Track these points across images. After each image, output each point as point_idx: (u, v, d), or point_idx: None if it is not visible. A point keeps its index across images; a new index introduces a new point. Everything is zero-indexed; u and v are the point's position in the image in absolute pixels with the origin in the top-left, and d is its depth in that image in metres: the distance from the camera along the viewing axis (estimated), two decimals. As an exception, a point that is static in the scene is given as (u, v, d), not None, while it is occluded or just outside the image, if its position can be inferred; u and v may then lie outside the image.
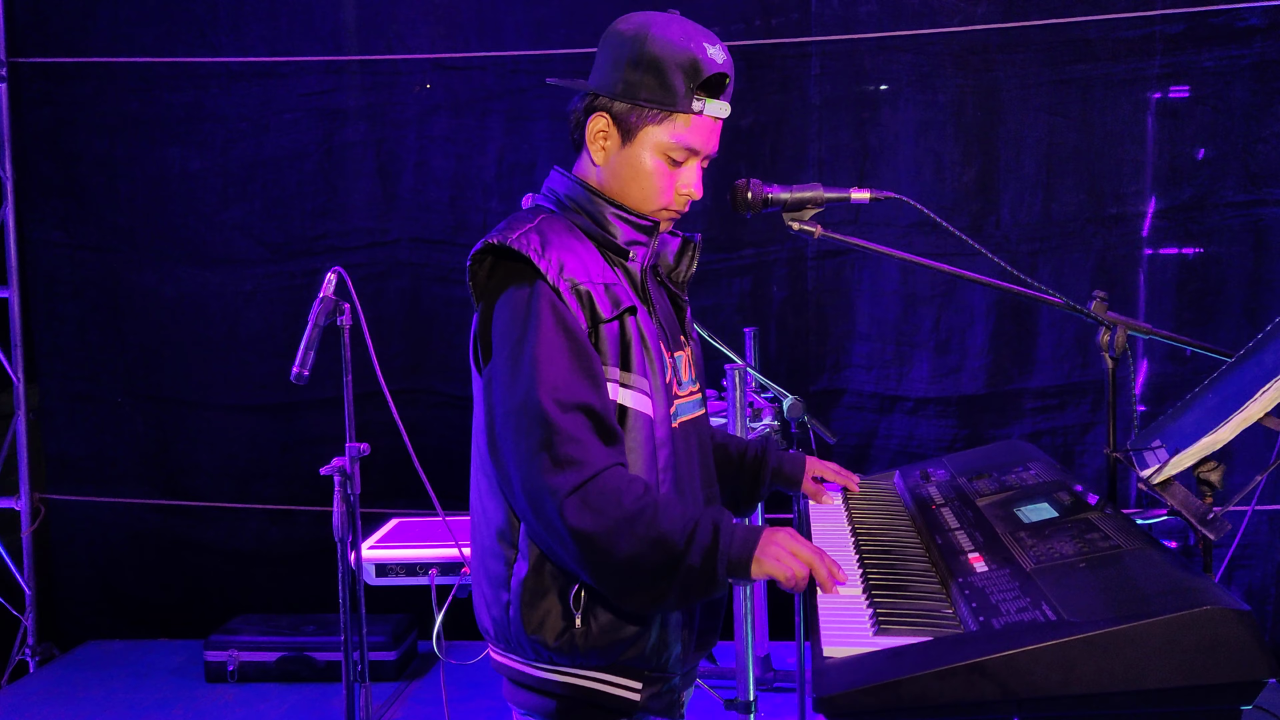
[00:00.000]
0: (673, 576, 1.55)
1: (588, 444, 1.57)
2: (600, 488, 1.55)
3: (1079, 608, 1.32)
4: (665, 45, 1.66)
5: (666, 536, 1.54)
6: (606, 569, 1.56)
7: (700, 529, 1.55)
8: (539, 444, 1.56)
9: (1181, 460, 1.48)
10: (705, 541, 1.54)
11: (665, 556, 1.54)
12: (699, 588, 1.56)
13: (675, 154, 1.71)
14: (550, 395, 1.56)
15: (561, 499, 1.54)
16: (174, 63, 4.45)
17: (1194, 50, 3.97)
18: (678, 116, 1.68)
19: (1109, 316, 1.79)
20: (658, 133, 1.69)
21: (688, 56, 1.66)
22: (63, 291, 4.59)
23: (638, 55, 1.67)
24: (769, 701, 3.73)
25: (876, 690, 1.28)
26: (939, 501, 1.96)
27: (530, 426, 1.57)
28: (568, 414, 1.56)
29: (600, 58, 1.73)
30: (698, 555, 1.54)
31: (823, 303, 4.30)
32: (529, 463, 1.57)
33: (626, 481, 1.58)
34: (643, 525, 1.54)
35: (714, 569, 1.54)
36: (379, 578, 3.22)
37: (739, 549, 1.55)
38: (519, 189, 1.84)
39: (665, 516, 1.55)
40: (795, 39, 4.21)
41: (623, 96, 1.68)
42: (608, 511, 1.54)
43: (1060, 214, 4.12)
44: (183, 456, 4.63)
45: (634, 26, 1.69)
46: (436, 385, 4.47)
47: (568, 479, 1.55)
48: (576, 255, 1.67)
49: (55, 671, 4.46)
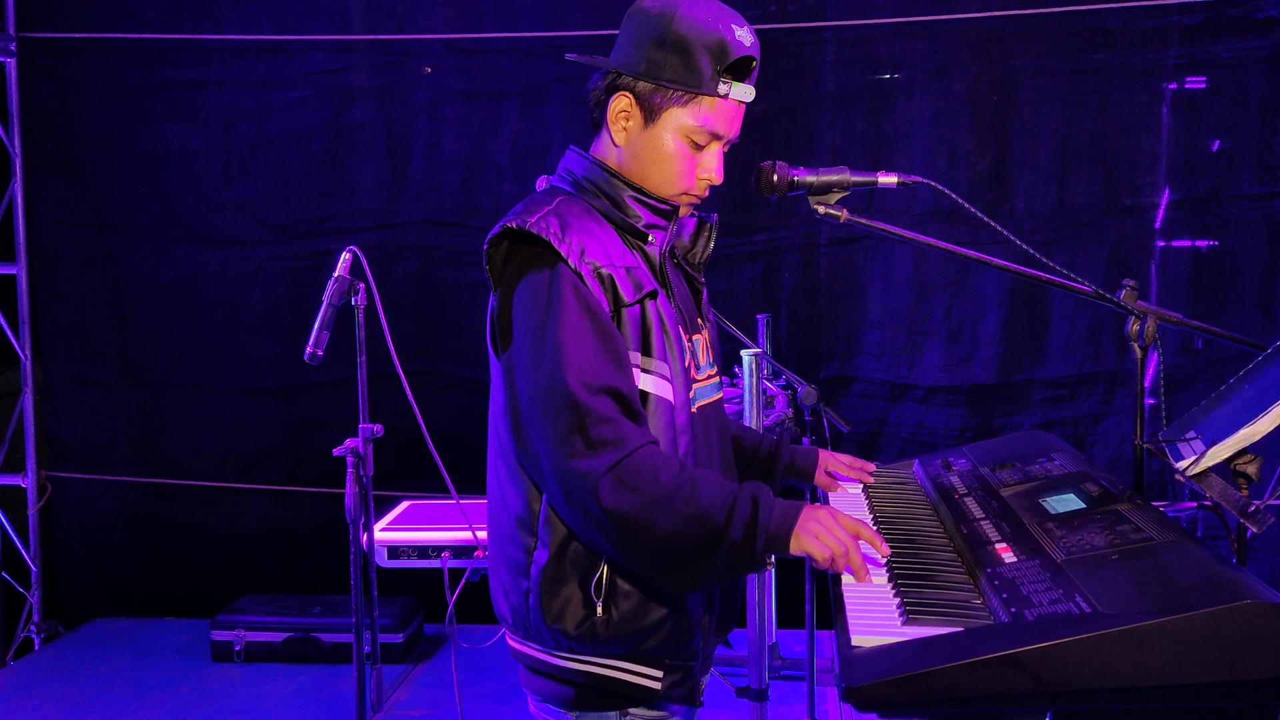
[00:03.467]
0: (714, 552, 1.53)
1: (619, 423, 1.55)
2: (635, 466, 1.53)
3: (1114, 600, 1.31)
4: (692, 25, 1.63)
5: (707, 512, 1.52)
6: (646, 548, 1.54)
7: (740, 502, 1.53)
8: (569, 427, 1.53)
9: (1219, 451, 1.46)
10: (745, 515, 1.52)
11: (706, 532, 1.52)
12: (740, 563, 1.54)
13: (698, 137, 1.68)
14: (578, 378, 1.54)
15: (596, 480, 1.51)
16: (178, 39, 4.40)
17: (1211, 41, 3.94)
18: (703, 99, 1.65)
19: (1139, 306, 1.78)
20: (681, 115, 1.66)
21: (715, 38, 1.63)
22: (64, 270, 4.56)
23: (664, 34, 1.63)
24: (777, 689, 3.73)
25: (906, 681, 1.26)
26: (962, 491, 1.94)
27: (559, 410, 1.54)
28: (596, 396, 1.54)
29: (624, 35, 1.70)
30: (739, 529, 1.52)
31: (835, 290, 4.28)
32: (560, 447, 1.54)
33: (662, 459, 1.55)
34: (681, 501, 1.52)
35: (753, 543, 1.52)
36: (391, 560, 3.21)
37: (778, 523, 1.53)
38: (533, 172, 1.82)
39: (704, 491, 1.53)
40: (811, 24, 4.17)
41: (646, 76, 1.65)
42: (645, 490, 1.51)
43: (1074, 204, 4.10)
44: (182, 439, 4.60)
45: (660, 4, 1.66)
46: (445, 368, 4.45)
47: (602, 460, 1.52)
48: (596, 239, 1.65)
49: (60, 649, 4.46)
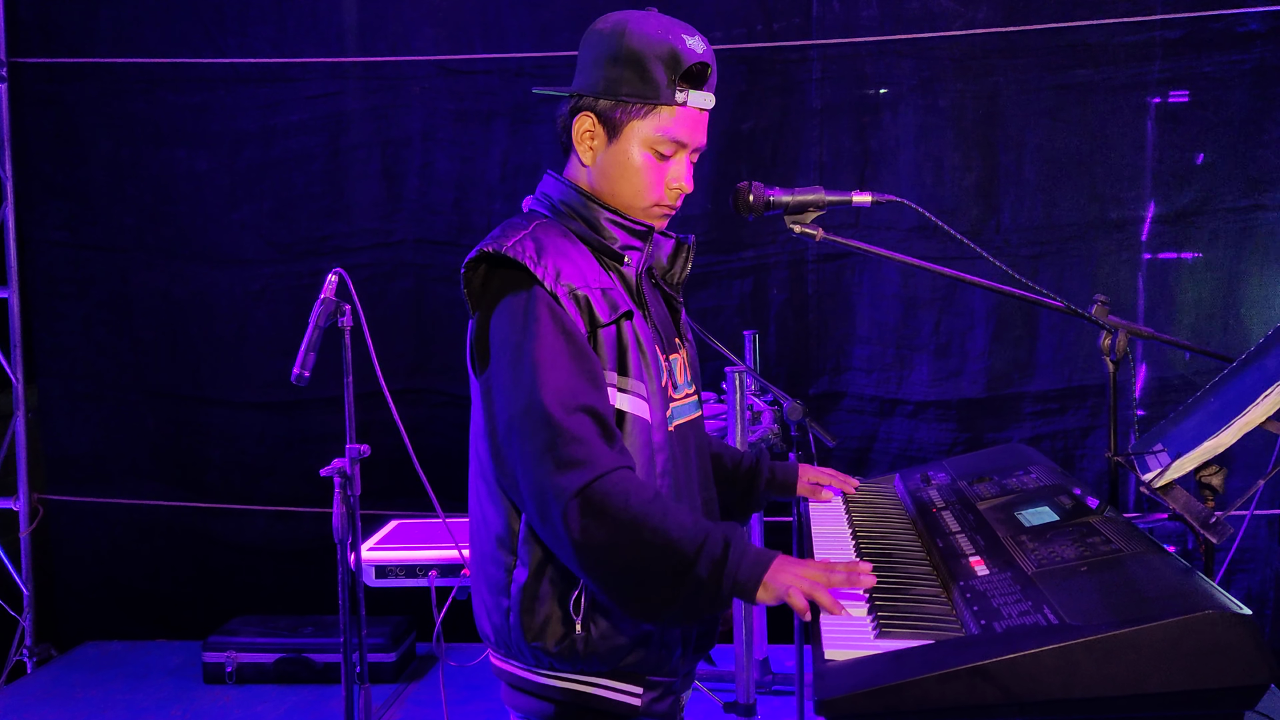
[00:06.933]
0: (678, 586, 1.51)
1: (593, 444, 1.55)
2: (607, 489, 1.53)
3: (1081, 611, 1.32)
4: (643, 39, 1.67)
5: (675, 544, 1.51)
6: (610, 574, 1.54)
7: (710, 541, 1.52)
8: (544, 446, 1.55)
9: (1184, 464, 1.48)
10: (715, 554, 1.51)
11: (672, 565, 1.51)
12: (704, 602, 1.53)
13: (662, 147, 1.70)
14: (554, 398, 1.55)
15: (567, 500, 1.52)
16: (179, 64, 4.46)
17: (1193, 55, 3.98)
18: (661, 109, 1.68)
19: (1110, 320, 1.79)
20: (643, 127, 1.69)
21: (666, 48, 1.67)
22: (66, 292, 4.60)
23: (617, 51, 1.67)
24: (767, 705, 3.73)
25: (878, 693, 1.27)
26: (940, 505, 1.96)
27: (535, 430, 1.56)
28: (572, 415, 1.55)
29: (582, 58, 1.74)
30: (706, 567, 1.50)
31: (823, 305, 4.30)
32: (535, 466, 1.55)
33: (635, 484, 1.55)
34: (649, 531, 1.51)
35: (719, 585, 1.50)
36: (378, 579, 3.22)
37: (746, 571, 1.51)
38: (522, 191, 1.84)
39: (674, 524, 1.52)
40: (796, 42, 4.21)
41: (605, 94, 1.69)
42: (614, 514, 1.51)
43: (1060, 219, 4.13)
44: (192, 452, 4.64)
45: (611, 24, 1.70)
46: (440, 385, 4.48)
47: (573, 479, 1.53)
48: (572, 261, 1.67)
49: (53, 672, 4.45)
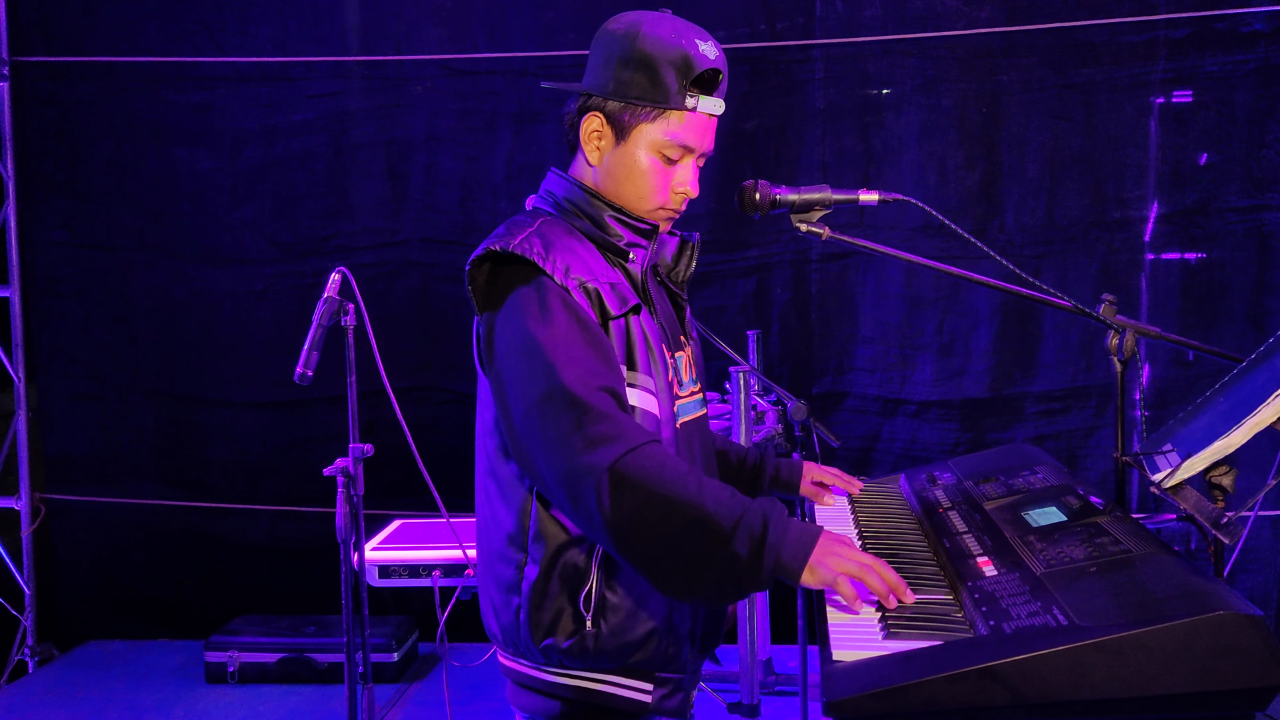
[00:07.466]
0: (715, 560, 1.47)
1: (621, 420, 1.53)
2: (642, 461, 1.49)
3: (1090, 612, 1.31)
4: (656, 42, 1.66)
5: (712, 518, 1.46)
6: (644, 549, 1.49)
7: (749, 515, 1.48)
8: (571, 426, 1.51)
9: (1194, 464, 1.47)
10: (754, 530, 1.46)
11: (707, 539, 1.47)
12: (744, 580, 1.48)
13: (669, 151, 1.70)
14: (576, 378, 1.53)
15: (599, 475, 1.48)
16: (181, 63, 4.45)
17: (1198, 55, 3.97)
18: (671, 114, 1.68)
19: (1118, 320, 1.79)
20: (651, 130, 1.68)
21: (679, 53, 1.66)
22: (66, 291, 4.59)
23: (629, 53, 1.66)
24: (771, 705, 3.72)
25: (885, 694, 1.26)
26: (946, 505, 1.95)
27: (559, 413, 1.52)
28: (596, 394, 1.53)
29: (592, 58, 1.73)
30: (744, 544, 1.46)
31: (826, 305, 4.30)
32: (562, 448, 1.52)
33: (668, 458, 1.52)
34: (683, 504, 1.47)
35: (759, 562, 1.46)
36: (382, 579, 3.21)
37: (790, 550, 1.47)
38: (527, 190, 1.84)
39: (710, 498, 1.48)
40: (799, 42, 4.21)
41: (615, 95, 1.68)
42: (648, 487, 1.47)
43: (1064, 218, 4.12)
44: (195, 452, 4.63)
45: (625, 25, 1.69)
46: (445, 383, 4.48)
47: (605, 454, 1.49)
48: (579, 257, 1.66)
49: (54, 672, 4.45)
